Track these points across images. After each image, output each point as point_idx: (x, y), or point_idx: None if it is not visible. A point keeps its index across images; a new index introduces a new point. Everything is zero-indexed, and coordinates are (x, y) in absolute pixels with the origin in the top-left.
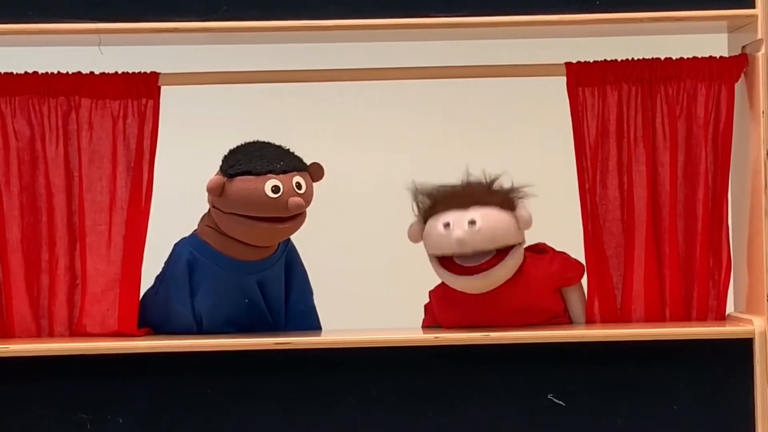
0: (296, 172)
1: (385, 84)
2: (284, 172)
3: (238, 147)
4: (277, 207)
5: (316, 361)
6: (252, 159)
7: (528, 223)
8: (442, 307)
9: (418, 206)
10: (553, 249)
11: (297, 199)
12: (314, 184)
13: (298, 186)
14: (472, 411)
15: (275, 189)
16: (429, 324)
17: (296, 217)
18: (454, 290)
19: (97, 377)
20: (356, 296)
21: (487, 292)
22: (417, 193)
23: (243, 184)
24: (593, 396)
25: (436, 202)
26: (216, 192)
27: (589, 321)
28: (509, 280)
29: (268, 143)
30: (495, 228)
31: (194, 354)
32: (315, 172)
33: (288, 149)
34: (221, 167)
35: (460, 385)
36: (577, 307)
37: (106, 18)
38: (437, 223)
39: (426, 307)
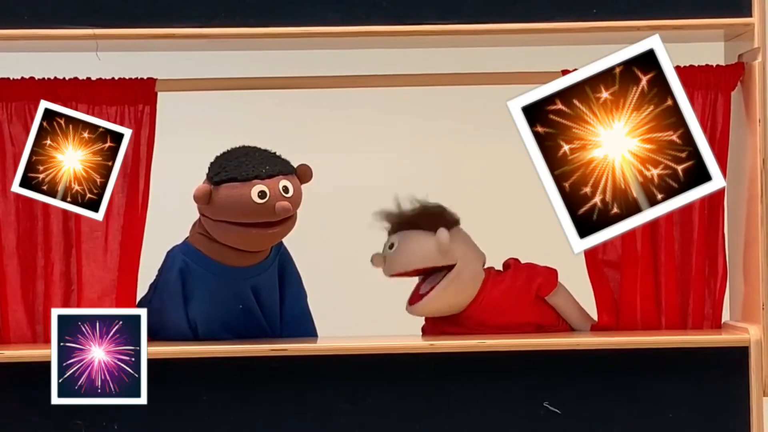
0: (282, 175)
1: (381, 90)
2: (270, 176)
3: (223, 153)
4: (265, 212)
5: (311, 368)
6: (237, 165)
7: (444, 246)
8: (434, 323)
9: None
10: (517, 263)
11: (284, 203)
12: (306, 186)
13: (285, 190)
14: (468, 418)
15: (262, 194)
16: None
17: (285, 221)
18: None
19: None
20: (352, 301)
21: (458, 315)
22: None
23: (229, 191)
24: (589, 404)
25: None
26: (203, 200)
27: (598, 328)
28: (473, 301)
29: (254, 148)
30: (408, 250)
31: (189, 361)
32: (303, 173)
33: (274, 153)
34: (207, 174)
35: (455, 392)
36: (569, 313)
37: (103, 24)
38: None
39: (423, 329)
